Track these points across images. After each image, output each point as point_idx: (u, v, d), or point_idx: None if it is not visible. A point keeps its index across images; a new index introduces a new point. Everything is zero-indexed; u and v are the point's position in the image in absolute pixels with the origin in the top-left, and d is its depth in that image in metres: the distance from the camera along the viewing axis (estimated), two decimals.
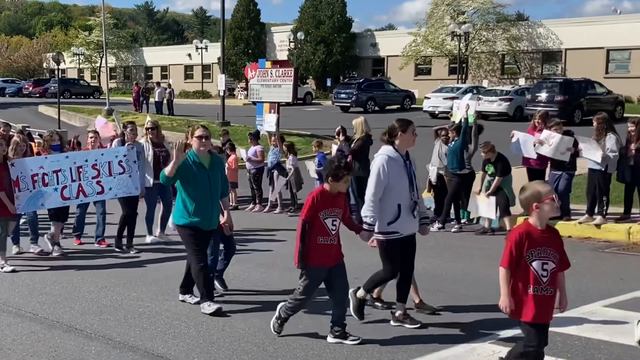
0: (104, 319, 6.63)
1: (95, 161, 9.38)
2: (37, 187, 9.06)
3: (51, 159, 9.34)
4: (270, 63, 24.04)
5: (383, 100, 38.31)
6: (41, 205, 9.32)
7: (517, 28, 46.10)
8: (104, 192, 9.46)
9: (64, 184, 9.19)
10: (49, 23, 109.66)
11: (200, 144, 6.78)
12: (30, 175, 9.02)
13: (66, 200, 9.38)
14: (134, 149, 9.68)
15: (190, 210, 6.71)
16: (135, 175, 9.55)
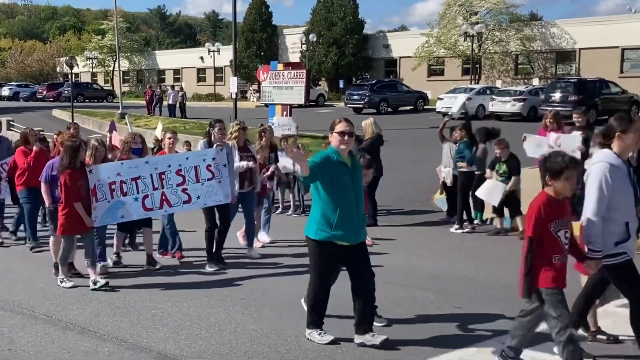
0: (117, 320, 6.65)
1: (180, 166, 8.33)
2: (116, 197, 8.12)
3: (128, 165, 8.31)
4: (283, 65, 24.07)
5: (396, 101, 38.24)
6: (121, 217, 8.31)
7: (531, 28, 45.86)
8: (191, 201, 8.37)
9: (145, 193, 8.22)
10: (63, 27, 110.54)
11: (342, 141, 5.65)
12: (107, 183, 8.08)
13: (149, 211, 8.37)
14: (223, 151, 8.52)
15: (333, 222, 5.56)
16: (225, 181, 8.44)
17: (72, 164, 7.82)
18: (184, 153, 9.02)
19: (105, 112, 39.37)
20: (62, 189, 7.87)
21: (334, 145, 5.69)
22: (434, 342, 5.88)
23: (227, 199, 8.53)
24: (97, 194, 8.06)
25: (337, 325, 6.04)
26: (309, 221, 5.77)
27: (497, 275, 8.01)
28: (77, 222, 7.88)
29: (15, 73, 78.67)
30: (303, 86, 21.96)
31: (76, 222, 7.87)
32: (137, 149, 9.03)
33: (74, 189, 7.83)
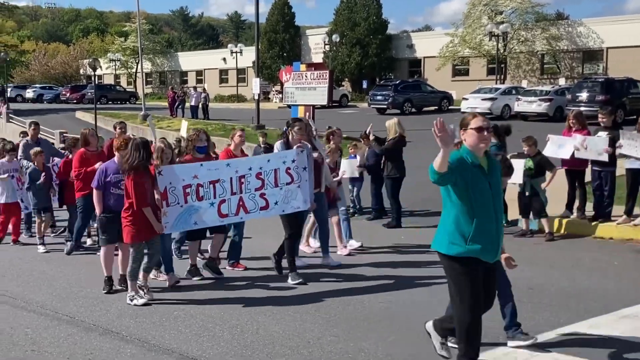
0: (140, 321, 6.66)
1: (260, 169, 7.69)
2: (190, 202, 7.43)
3: (208, 167, 7.63)
4: (305, 66, 24.03)
5: (420, 101, 38.02)
6: (194, 223, 7.59)
7: (557, 27, 45.34)
8: (269, 208, 7.74)
9: (222, 198, 7.55)
10: (86, 30, 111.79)
11: (480, 137, 4.73)
12: (181, 186, 7.38)
13: (224, 218, 7.71)
14: (303, 153, 7.84)
15: (468, 234, 4.72)
16: (305, 186, 7.80)
17: (142, 164, 7.18)
18: (265, 155, 8.34)
19: (128, 113, 39.69)
20: (127, 193, 7.20)
21: (470, 144, 4.76)
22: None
23: (306, 205, 7.87)
24: (169, 198, 7.35)
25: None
26: (439, 232, 4.93)
27: (523, 277, 7.88)
28: (145, 229, 7.23)
29: (39, 75, 79.57)
30: (326, 87, 21.88)
31: (144, 228, 7.22)
32: (202, 147, 8.33)
33: (142, 191, 7.16)
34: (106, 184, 7.74)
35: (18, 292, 7.91)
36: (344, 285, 7.84)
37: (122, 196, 7.48)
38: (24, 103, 58.89)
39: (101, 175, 7.80)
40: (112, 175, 7.75)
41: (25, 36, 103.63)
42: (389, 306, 6.95)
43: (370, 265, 8.77)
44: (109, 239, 7.85)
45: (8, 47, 60.56)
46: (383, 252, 9.60)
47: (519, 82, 43.41)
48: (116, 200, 7.69)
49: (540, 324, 5.88)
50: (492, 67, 44.45)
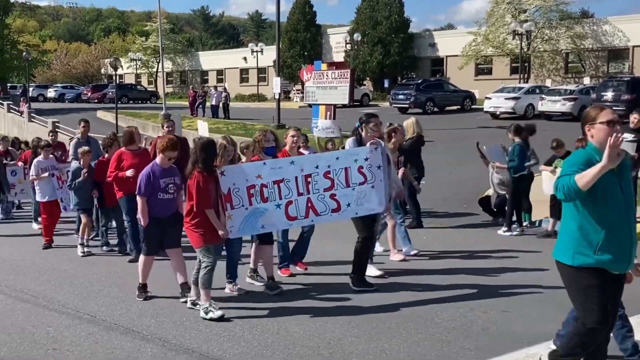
0: (160, 321, 6.65)
1: (328, 167, 7.16)
2: (255, 203, 6.98)
3: (271, 166, 7.11)
4: (326, 65, 23.96)
5: (442, 101, 37.78)
6: (261, 227, 7.12)
7: (582, 25, 44.80)
8: (341, 210, 7.20)
9: (288, 199, 7.07)
10: (107, 29, 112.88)
11: (611, 132, 4.14)
12: (245, 187, 6.93)
13: (293, 221, 7.21)
14: (378, 150, 7.27)
15: (596, 243, 4.18)
16: (379, 186, 7.24)
17: (207, 165, 6.69)
18: (333, 152, 7.50)
19: (149, 113, 39.94)
20: (190, 195, 6.69)
21: (599, 140, 4.19)
22: (481, 346, 5.72)
23: (381, 206, 7.33)
24: (233, 200, 6.88)
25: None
26: (560, 240, 4.43)
27: (547, 278, 7.77)
28: (212, 232, 6.70)
29: (61, 75, 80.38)
30: (347, 86, 21.78)
31: (211, 231, 6.70)
32: (270, 148, 7.71)
33: (205, 193, 6.64)
34: (153, 189, 7.13)
35: (39, 291, 7.94)
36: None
37: (170, 201, 7.18)
38: (46, 102, 59.37)
39: (147, 181, 7.11)
40: (160, 179, 7.13)
41: (47, 36, 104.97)
42: (412, 307, 6.87)
43: (392, 265, 8.69)
44: (150, 249, 7.37)
45: (30, 46, 61.22)
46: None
47: (543, 81, 42.95)
48: (164, 206, 7.19)
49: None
50: (516, 66, 44.04)
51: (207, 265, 6.67)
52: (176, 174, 7.33)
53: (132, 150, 9.39)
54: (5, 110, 46.70)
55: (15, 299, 7.60)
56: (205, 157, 6.69)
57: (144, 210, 7.12)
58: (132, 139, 9.39)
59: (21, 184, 13.38)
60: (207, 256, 6.70)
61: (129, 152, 9.33)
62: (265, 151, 7.67)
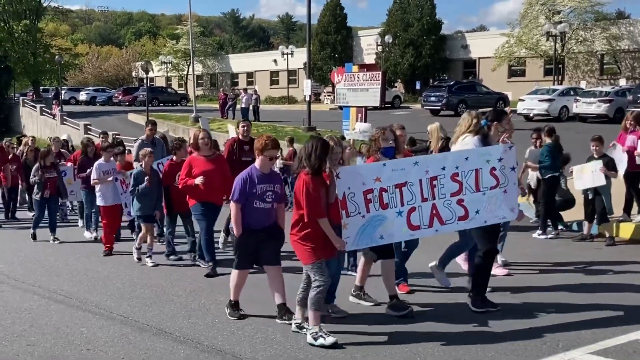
0: (193, 322, 6.63)
1: (456, 169, 6.35)
2: (373, 211, 6.16)
3: (392, 167, 6.27)
4: (357, 67, 23.87)
5: (475, 102, 37.29)
6: (380, 238, 6.25)
7: (617, 26, 44.03)
8: (468, 217, 6.38)
9: (411, 205, 6.26)
10: (138, 33, 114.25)
11: None
12: (362, 192, 6.11)
13: (415, 231, 6.39)
14: (512, 149, 6.50)
15: None
16: (512, 190, 6.45)
17: (318, 167, 5.94)
18: (461, 151, 6.57)
19: (179, 115, 40.24)
20: (297, 203, 6.01)
21: None
22: (517, 352, 5.59)
23: (513, 214, 6.55)
24: (348, 207, 6.07)
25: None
26: None
27: (582, 282, 7.61)
28: (324, 245, 5.97)
29: (92, 78, 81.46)
30: (378, 88, 21.69)
31: (324, 245, 5.96)
32: (389, 148, 6.73)
33: (317, 199, 5.91)
34: (249, 197, 6.37)
35: (73, 292, 7.99)
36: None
37: (268, 211, 6.46)
38: (77, 105, 60.16)
39: (242, 186, 6.36)
40: (257, 185, 6.37)
41: (78, 39, 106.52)
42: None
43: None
44: (243, 263, 6.63)
45: (62, 50, 62.21)
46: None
47: (578, 82, 42.32)
48: (260, 215, 6.44)
49: (598, 332, 5.63)
50: (550, 67, 43.44)
51: (319, 284, 5.90)
52: (277, 180, 6.61)
53: (205, 155, 8.69)
54: (38, 113, 47.56)
55: (50, 300, 7.66)
56: (316, 159, 5.89)
57: (237, 219, 6.43)
58: (196, 145, 8.73)
59: (70, 185, 12.79)
60: (320, 274, 5.92)
61: (201, 158, 8.65)
62: (384, 152, 6.68)
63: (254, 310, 6.89)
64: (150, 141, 11.60)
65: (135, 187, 9.34)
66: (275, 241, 6.57)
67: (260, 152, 6.39)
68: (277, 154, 6.58)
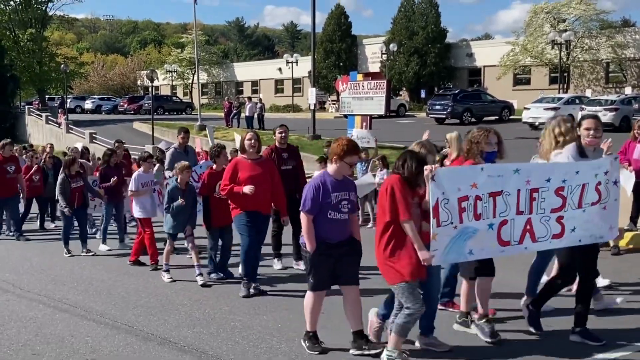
0: (197, 332, 6.61)
1: (563, 182, 5.64)
2: (466, 221, 5.37)
3: (489, 172, 5.49)
4: (362, 75, 23.88)
5: (480, 111, 37.38)
6: (469, 253, 5.46)
7: (623, 35, 44.00)
8: (563, 236, 5.69)
9: (503, 217, 5.53)
10: (143, 41, 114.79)
11: None
12: (457, 198, 5.33)
13: (505, 247, 5.60)
14: (616, 161, 5.89)
15: None
16: (613, 206, 5.81)
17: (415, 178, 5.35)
18: (572, 163, 5.71)
19: (184, 124, 40.10)
20: (382, 209, 5.40)
21: None
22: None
23: (611, 233, 5.89)
24: (440, 215, 5.25)
25: None
26: None
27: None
28: (412, 264, 5.25)
29: (98, 86, 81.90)
30: (383, 96, 21.66)
31: (411, 263, 5.25)
32: (492, 153, 5.89)
33: (406, 201, 5.25)
34: (323, 206, 5.70)
35: (78, 301, 7.98)
36: None
37: (344, 222, 5.76)
38: (83, 114, 60.38)
39: (314, 194, 5.68)
40: (332, 193, 5.70)
41: (84, 48, 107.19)
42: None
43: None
44: (320, 283, 5.82)
45: (68, 59, 62.65)
46: None
47: (583, 91, 42.26)
48: (337, 227, 5.74)
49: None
50: (555, 76, 43.43)
51: (410, 312, 5.23)
52: (352, 188, 5.89)
53: (252, 159, 7.89)
54: (43, 122, 47.77)
55: (55, 309, 7.65)
56: (416, 166, 5.31)
57: (310, 233, 5.68)
58: (242, 148, 7.95)
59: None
60: (411, 299, 5.22)
61: (248, 161, 7.85)
62: (486, 157, 5.86)
63: (257, 320, 6.85)
64: (183, 149, 11.26)
65: (170, 204, 8.70)
66: (354, 257, 5.84)
67: (339, 158, 5.67)
68: (356, 161, 5.89)
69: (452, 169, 5.70)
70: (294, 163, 9.31)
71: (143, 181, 10.08)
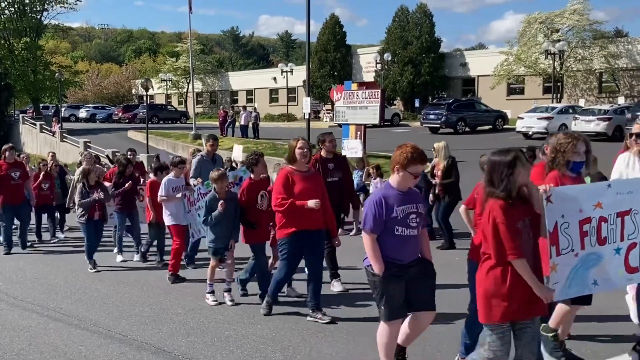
0: (192, 341, 6.59)
1: None
2: (588, 247, 4.59)
3: (618, 189, 4.76)
4: (357, 85, 23.96)
5: (474, 120, 37.49)
6: (593, 283, 4.65)
7: (616, 45, 44.25)
8: None
9: (632, 240, 4.83)
10: (138, 50, 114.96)
11: None
12: (578, 221, 4.55)
13: (633, 274, 4.86)
14: None
15: None
16: None
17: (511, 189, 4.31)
18: None
19: (179, 133, 40.32)
20: (490, 237, 4.32)
21: None
22: None
23: None
24: (559, 242, 4.47)
25: None
26: None
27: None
28: (512, 302, 4.29)
29: (92, 95, 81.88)
30: (378, 106, 21.74)
31: (512, 301, 4.28)
32: (579, 163, 5.23)
33: (514, 234, 4.24)
34: (389, 223, 4.97)
35: (71, 310, 7.96)
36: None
37: (414, 238, 5.05)
38: (77, 122, 60.31)
39: (377, 210, 4.95)
40: (396, 207, 4.98)
41: (79, 57, 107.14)
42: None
43: None
44: (394, 312, 5.06)
45: (62, 67, 62.58)
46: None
47: (576, 100, 42.47)
48: (406, 245, 5.02)
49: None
50: (548, 85, 43.61)
51: (490, 356, 4.37)
52: (419, 198, 5.19)
53: (302, 172, 7.10)
54: (37, 130, 47.70)
55: (48, 318, 7.62)
56: (505, 178, 4.31)
57: (375, 253, 4.95)
58: (293, 158, 7.09)
59: (110, 207, 11.46)
60: (498, 343, 4.35)
61: (298, 175, 7.05)
62: (573, 167, 5.21)
63: (251, 330, 6.84)
64: (210, 158, 10.53)
65: (208, 216, 7.85)
66: (428, 278, 5.14)
67: (402, 167, 4.98)
68: (420, 171, 5.08)
69: (572, 187, 4.77)
70: (341, 175, 8.57)
71: (174, 186, 9.66)
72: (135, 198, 11.37)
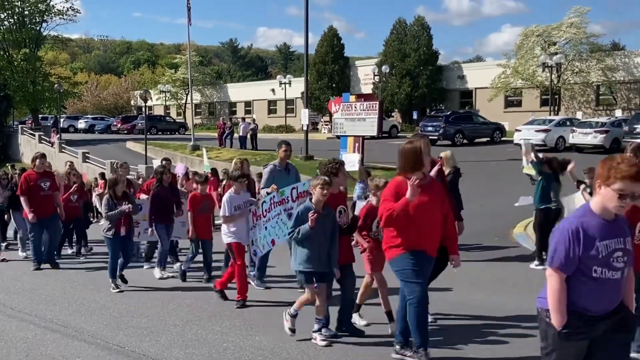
0: (189, 353, 6.57)
1: None
2: None
3: None
4: (355, 97, 24.05)
5: (472, 132, 37.60)
6: None
7: (613, 58, 44.46)
8: None
9: None
10: (137, 62, 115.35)
11: None
12: None
13: None
14: None
15: None
16: None
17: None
18: None
19: (177, 144, 40.34)
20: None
21: None
22: None
23: None
24: None
25: None
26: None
27: None
28: None
29: (91, 106, 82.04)
30: (376, 118, 21.84)
31: None
32: None
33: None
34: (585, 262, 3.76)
35: (69, 321, 7.94)
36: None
37: (616, 283, 3.82)
38: (76, 133, 60.34)
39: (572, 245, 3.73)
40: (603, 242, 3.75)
41: (78, 68, 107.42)
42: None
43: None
44: None
45: (61, 78, 62.57)
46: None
47: (574, 113, 42.63)
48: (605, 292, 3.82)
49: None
50: (546, 98, 43.77)
51: None
52: (624, 231, 3.86)
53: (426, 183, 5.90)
54: (36, 141, 47.69)
55: (46, 329, 7.59)
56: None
57: (560, 299, 3.76)
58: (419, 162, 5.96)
59: (145, 221, 10.89)
60: None
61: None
62: None
63: (249, 341, 6.83)
64: (284, 167, 9.54)
65: (296, 228, 6.57)
66: (623, 334, 3.90)
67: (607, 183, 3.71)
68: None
69: None
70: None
71: (236, 204, 8.54)
72: (173, 210, 10.60)
